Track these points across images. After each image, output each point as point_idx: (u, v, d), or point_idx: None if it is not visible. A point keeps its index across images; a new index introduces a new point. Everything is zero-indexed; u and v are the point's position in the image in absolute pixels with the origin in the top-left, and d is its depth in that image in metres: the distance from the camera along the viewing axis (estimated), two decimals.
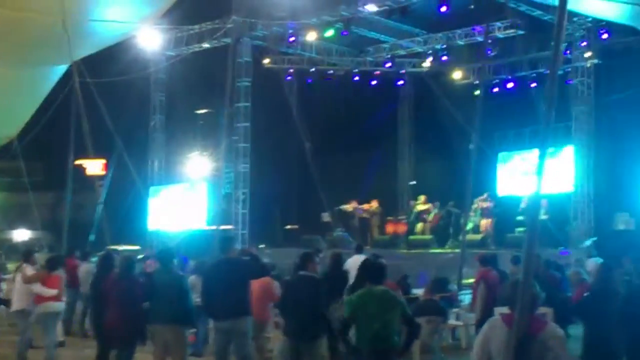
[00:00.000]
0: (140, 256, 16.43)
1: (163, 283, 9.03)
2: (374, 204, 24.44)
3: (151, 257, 16.92)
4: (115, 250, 15.64)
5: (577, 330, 8.37)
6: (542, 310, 7.03)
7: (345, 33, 21.58)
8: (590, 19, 19.86)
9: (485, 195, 22.12)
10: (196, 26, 23.44)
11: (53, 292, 10.93)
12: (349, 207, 24.34)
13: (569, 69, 21.10)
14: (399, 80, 26.91)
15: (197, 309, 9.72)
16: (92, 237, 21.61)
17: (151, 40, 22.42)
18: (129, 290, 9.13)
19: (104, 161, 24.28)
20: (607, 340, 7.76)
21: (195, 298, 9.81)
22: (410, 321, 7.50)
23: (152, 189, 25.65)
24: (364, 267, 7.88)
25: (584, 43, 20.67)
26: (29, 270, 11.53)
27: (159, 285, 9.05)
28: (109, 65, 21.01)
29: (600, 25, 20.13)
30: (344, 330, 7.43)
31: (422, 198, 24.10)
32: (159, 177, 26.17)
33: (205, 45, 23.52)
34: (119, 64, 21.69)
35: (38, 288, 10.99)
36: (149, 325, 9.18)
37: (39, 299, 10.99)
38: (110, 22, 15.98)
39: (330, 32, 22.15)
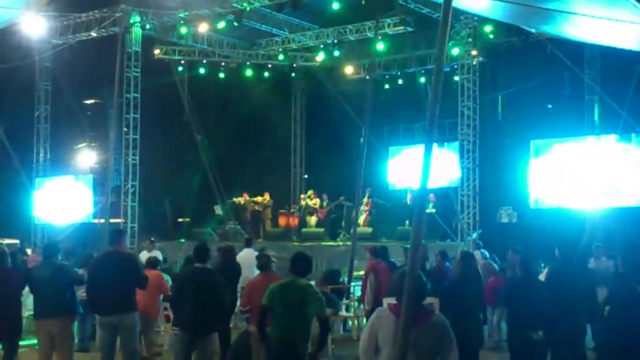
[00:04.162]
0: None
1: (45, 276, 8.81)
2: (266, 197, 24.46)
3: (26, 249, 16.47)
4: None
5: None
6: (429, 300, 7.27)
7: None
8: (476, 18, 20.42)
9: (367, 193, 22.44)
10: (83, 14, 22.79)
11: None
12: (240, 199, 24.28)
13: (456, 66, 21.65)
14: (291, 74, 26.98)
15: (83, 303, 9.52)
16: None
17: (36, 27, 21.57)
18: (3, 282, 8.83)
19: None
20: (467, 321, 8.32)
21: (82, 293, 9.59)
22: (325, 321, 7.52)
23: (37, 180, 24.82)
24: (292, 259, 7.87)
25: (470, 41, 21.24)
26: None
27: (41, 279, 8.83)
28: None
29: (486, 24, 20.75)
30: (263, 317, 7.42)
31: (310, 192, 24.29)
32: (45, 169, 25.35)
33: (93, 34, 22.91)
34: (1, 51, 20.86)
35: None
36: (34, 320, 8.96)
37: None
38: None
39: (222, 24, 22.00)
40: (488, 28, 20.91)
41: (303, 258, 7.68)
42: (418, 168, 6.25)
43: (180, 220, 25.40)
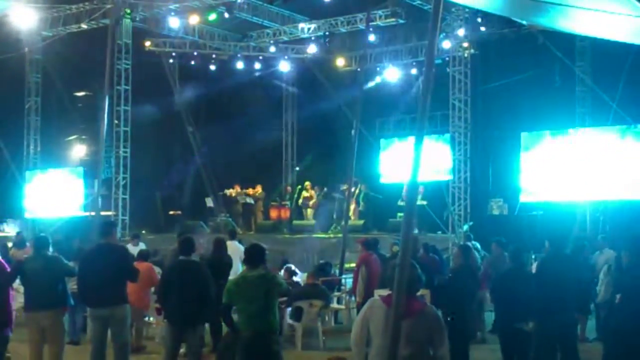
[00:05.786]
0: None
1: (37, 269, 8.78)
2: (258, 189, 24.44)
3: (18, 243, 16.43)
4: None
5: None
6: (421, 292, 7.28)
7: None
8: (467, 10, 20.41)
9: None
10: (74, 6, 22.67)
11: None
12: (232, 191, 24.25)
13: (447, 58, 21.64)
14: (282, 66, 26.93)
15: (74, 295, 9.50)
16: None
17: (26, 19, 21.51)
18: None
19: None
20: (463, 312, 8.36)
21: (73, 285, 9.57)
22: (287, 294, 8.60)
23: (28, 173, 24.72)
24: (245, 250, 7.91)
25: (462, 33, 21.21)
26: None
27: (32, 272, 8.80)
28: None
29: (477, 16, 20.73)
30: (224, 314, 7.47)
31: (307, 184, 24.29)
32: (35, 162, 25.24)
33: (84, 26, 22.79)
34: None
35: None
36: (25, 312, 8.94)
37: None
38: None
39: (213, 16, 21.91)
40: (479, 20, 20.88)
41: (256, 249, 7.69)
42: (409, 160, 6.24)
43: (171, 212, 25.34)
